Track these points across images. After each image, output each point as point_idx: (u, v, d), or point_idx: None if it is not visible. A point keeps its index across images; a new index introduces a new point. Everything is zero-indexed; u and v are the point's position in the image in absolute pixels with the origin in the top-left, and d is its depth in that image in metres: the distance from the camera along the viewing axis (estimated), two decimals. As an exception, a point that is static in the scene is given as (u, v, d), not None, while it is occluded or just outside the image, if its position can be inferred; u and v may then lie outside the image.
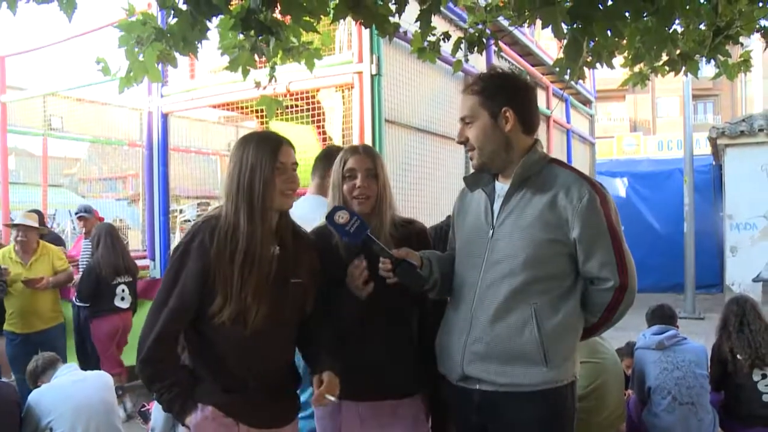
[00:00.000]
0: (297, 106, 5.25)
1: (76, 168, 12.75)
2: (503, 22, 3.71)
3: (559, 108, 8.34)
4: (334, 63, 4.74)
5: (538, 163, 1.97)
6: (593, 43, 2.90)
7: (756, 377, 3.68)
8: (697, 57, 3.29)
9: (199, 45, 2.65)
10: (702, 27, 3.09)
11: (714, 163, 12.34)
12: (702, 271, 10.65)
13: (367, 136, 4.49)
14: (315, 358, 2.04)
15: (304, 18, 2.52)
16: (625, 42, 3.16)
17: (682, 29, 3.13)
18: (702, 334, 6.90)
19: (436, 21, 2.98)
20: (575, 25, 2.31)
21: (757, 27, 3.06)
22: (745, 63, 3.49)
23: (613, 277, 1.89)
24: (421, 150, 5.15)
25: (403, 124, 4.91)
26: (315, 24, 2.62)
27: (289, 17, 2.59)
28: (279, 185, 1.92)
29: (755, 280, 9.85)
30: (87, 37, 6.60)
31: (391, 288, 2.01)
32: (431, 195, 5.16)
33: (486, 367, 1.92)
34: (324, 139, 5.54)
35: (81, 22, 4.28)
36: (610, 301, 1.92)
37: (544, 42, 8.21)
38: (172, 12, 2.54)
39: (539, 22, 2.36)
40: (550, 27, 2.25)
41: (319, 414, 2.27)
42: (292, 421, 2.09)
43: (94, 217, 6.36)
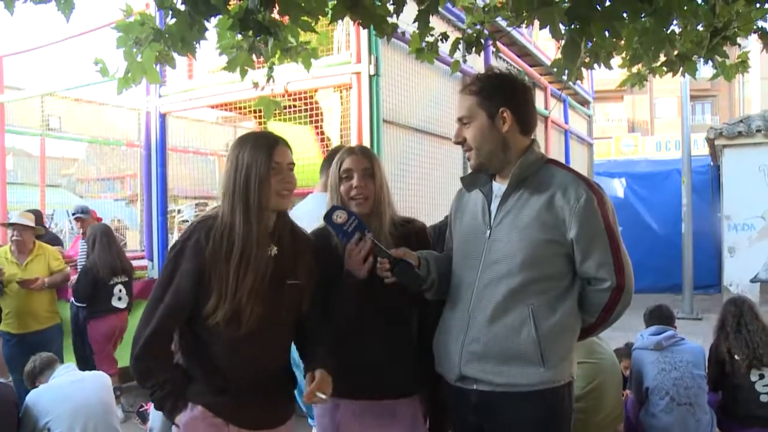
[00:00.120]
0: (295, 106, 5.25)
1: (74, 168, 12.71)
2: (501, 22, 3.70)
3: (557, 108, 8.35)
4: (332, 63, 4.76)
5: (536, 163, 1.97)
6: (591, 44, 2.90)
7: (753, 377, 3.69)
8: (694, 58, 3.30)
9: (197, 45, 2.65)
10: (700, 28, 3.09)
11: (712, 163, 12.35)
12: (700, 271, 10.66)
13: (365, 137, 4.49)
14: (310, 357, 2.04)
15: (303, 18, 2.51)
16: (623, 43, 3.16)
17: (680, 30, 3.13)
18: (700, 334, 6.91)
19: (435, 21, 2.98)
20: (573, 26, 2.31)
21: (754, 28, 3.05)
22: (743, 64, 3.50)
23: (610, 277, 1.89)
24: (419, 150, 5.16)
25: (401, 124, 4.91)
26: (313, 24, 2.62)
27: (287, 17, 2.59)
28: (275, 185, 1.91)
29: (753, 280, 9.88)
30: (85, 38, 6.59)
31: (390, 288, 2.01)
32: (429, 195, 5.16)
33: (483, 367, 1.92)
34: (322, 139, 5.55)
35: (79, 22, 4.27)
36: (607, 301, 1.92)
37: (542, 42, 8.23)
38: (171, 12, 2.53)
39: (537, 23, 2.36)
40: (548, 27, 2.25)
41: (318, 413, 2.27)
42: (286, 423, 2.07)
43: (92, 218, 6.35)
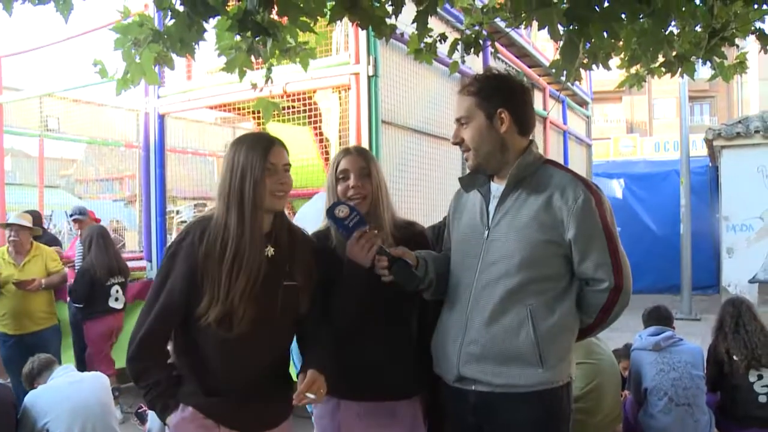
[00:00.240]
0: (294, 107, 5.25)
1: (72, 169, 12.70)
2: (500, 23, 3.70)
3: (555, 109, 8.35)
4: (331, 64, 4.76)
5: (534, 164, 1.98)
6: (589, 45, 2.90)
7: (752, 378, 3.69)
8: (693, 59, 3.30)
9: (196, 46, 2.65)
10: (698, 29, 3.09)
11: (710, 164, 12.36)
12: (698, 272, 10.68)
13: (364, 138, 4.49)
14: (306, 357, 2.04)
15: (302, 19, 2.52)
16: (621, 43, 3.16)
17: (678, 31, 3.13)
18: (698, 335, 6.92)
19: (433, 22, 2.98)
20: (571, 27, 2.31)
21: (752, 29, 3.05)
22: (741, 65, 3.50)
23: (608, 278, 1.89)
24: (418, 151, 5.16)
25: (399, 125, 4.91)
26: (312, 25, 2.62)
27: (285, 18, 2.59)
28: (270, 186, 1.91)
29: (751, 281, 9.88)
30: (84, 38, 6.59)
31: (390, 288, 2.01)
32: (428, 196, 5.16)
33: (482, 368, 1.92)
34: (321, 140, 5.55)
35: (78, 23, 4.27)
36: (605, 302, 1.92)
37: (541, 43, 8.23)
38: (169, 13, 2.53)
39: (536, 24, 2.37)
40: (547, 28, 2.25)
41: (318, 414, 2.27)
42: (281, 424, 2.06)
43: (89, 218, 6.35)
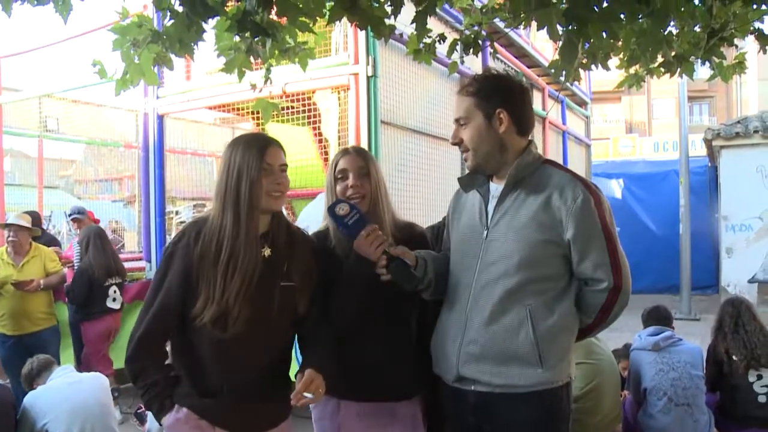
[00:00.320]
0: (293, 107, 5.25)
1: (72, 170, 12.70)
2: (499, 23, 3.71)
3: (554, 109, 8.36)
4: (330, 65, 4.76)
5: (533, 164, 1.98)
6: (588, 45, 2.90)
7: (751, 378, 3.69)
8: (692, 59, 3.30)
9: (195, 47, 2.65)
10: (697, 29, 3.09)
11: (709, 164, 12.37)
12: (697, 272, 10.68)
13: (363, 138, 4.49)
14: (304, 357, 2.03)
15: (300, 19, 2.52)
16: (620, 44, 3.16)
17: (677, 31, 3.13)
18: (698, 335, 6.93)
19: (432, 23, 2.98)
20: (571, 27, 2.31)
21: (751, 29, 3.06)
22: (740, 65, 3.50)
23: (607, 278, 1.89)
24: (417, 151, 5.16)
25: (398, 125, 4.92)
26: (311, 25, 2.62)
27: (284, 18, 2.59)
28: (266, 186, 1.91)
29: (751, 281, 9.88)
30: (83, 39, 6.60)
31: (390, 288, 2.01)
32: (427, 196, 5.17)
33: (481, 368, 1.92)
34: (320, 140, 5.55)
35: (77, 23, 4.27)
36: (605, 302, 1.92)
37: (540, 44, 8.24)
38: (168, 14, 2.53)
39: (535, 24, 2.37)
40: (546, 29, 2.25)
41: (318, 415, 2.27)
42: (279, 425, 2.05)
43: (88, 218, 6.36)
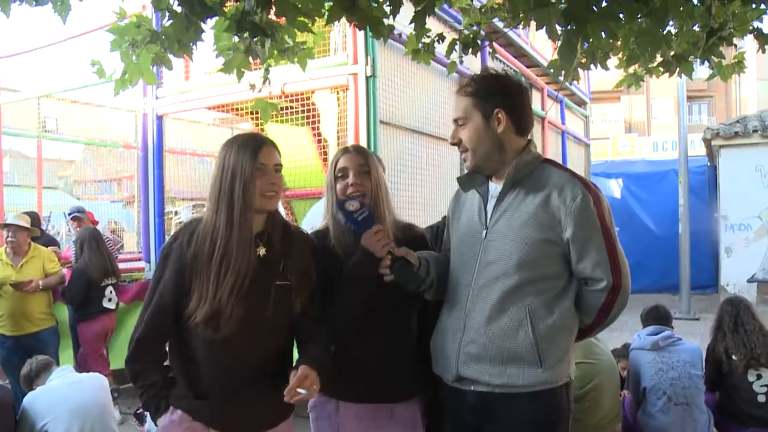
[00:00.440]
0: (292, 107, 5.25)
1: (71, 170, 12.69)
2: (498, 23, 3.71)
3: (554, 109, 8.36)
4: (329, 65, 4.76)
5: (531, 163, 1.97)
6: (587, 45, 2.90)
7: (751, 377, 3.69)
8: (691, 58, 3.30)
9: (193, 47, 2.65)
10: (696, 28, 3.09)
11: (709, 164, 12.37)
12: (697, 271, 10.68)
13: (362, 138, 4.49)
14: (301, 355, 2.03)
15: (299, 19, 2.52)
16: (619, 43, 3.16)
17: (676, 31, 3.13)
18: (697, 334, 6.94)
19: (431, 23, 2.98)
20: (569, 27, 2.31)
21: (750, 28, 3.06)
22: (739, 64, 3.50)
23: (606, 277, 1.89)
24: (416, 151, 5.16)
25: (398, 125, 4.92)
26: (310, 25, 2.62)
27: (283, 18, 2.59)
28: (260, 186, 1.91)
29: (750, 280, 9.90)
30: (82, 39, 6.60)
31: (391, 289, 2.01)
32: (426, 196, 5.16)
33: (481, 368, 1.91)
34: (319, 141, 5.54)
35: (76, 23, 4.26)
36: (604, 302, 1.92)
37: (539, 43, 8.24)
38: (167, 14, 2.53)
39: (534, 24, 2.37)
40: (545, 28, 2.25)
41: (315, 416, 2.26)
42: (278, 426, 2.04)
43: (87, 218, 6.37)
